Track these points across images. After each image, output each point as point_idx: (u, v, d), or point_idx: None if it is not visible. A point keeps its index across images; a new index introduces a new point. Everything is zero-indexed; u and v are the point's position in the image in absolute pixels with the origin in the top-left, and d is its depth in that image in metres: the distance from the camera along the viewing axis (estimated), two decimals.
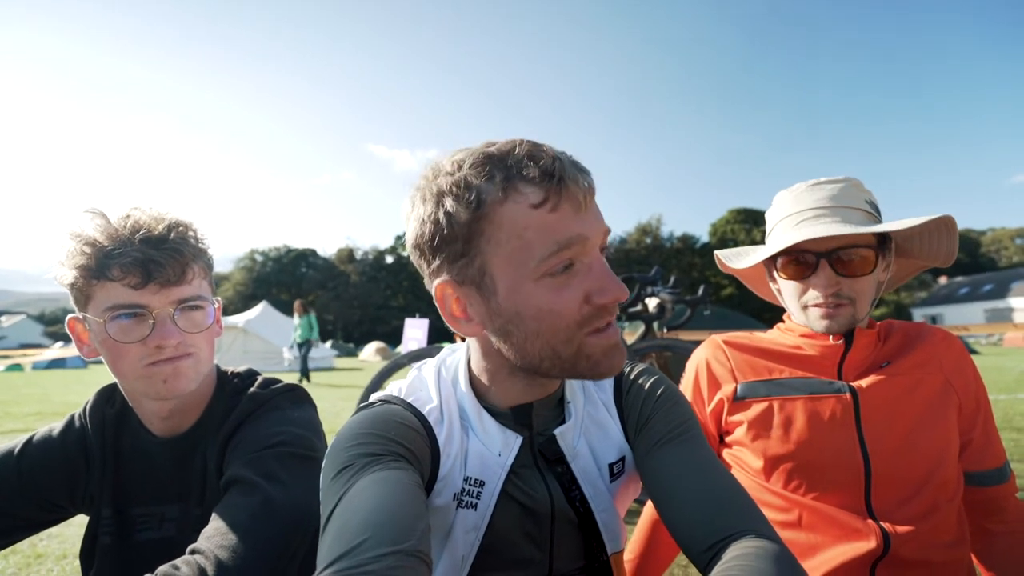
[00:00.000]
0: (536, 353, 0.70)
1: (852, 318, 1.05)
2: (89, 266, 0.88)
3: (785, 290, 1.14)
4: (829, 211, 1.06)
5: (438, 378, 0.83)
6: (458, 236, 0.67)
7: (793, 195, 1.12)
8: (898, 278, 1.24)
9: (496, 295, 0.68)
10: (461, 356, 0.84)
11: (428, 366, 0.86)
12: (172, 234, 0.93)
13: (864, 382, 1.05)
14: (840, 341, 1.08)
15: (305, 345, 12.93)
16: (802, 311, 1.10)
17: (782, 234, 1.10)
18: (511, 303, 0.68)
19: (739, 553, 0.62)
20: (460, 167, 0.68)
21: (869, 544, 0.95)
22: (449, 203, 0.66)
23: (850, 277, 1.04)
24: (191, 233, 0.97)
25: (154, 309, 0.91)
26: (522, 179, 0.65)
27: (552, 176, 0.65)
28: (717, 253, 1.29)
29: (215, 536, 0.76)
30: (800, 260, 1.07)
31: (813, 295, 1.07)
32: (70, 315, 0.95)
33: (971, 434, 1.06)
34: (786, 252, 1.09)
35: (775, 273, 1.15)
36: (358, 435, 0.69)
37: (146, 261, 0.89)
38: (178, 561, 0.73)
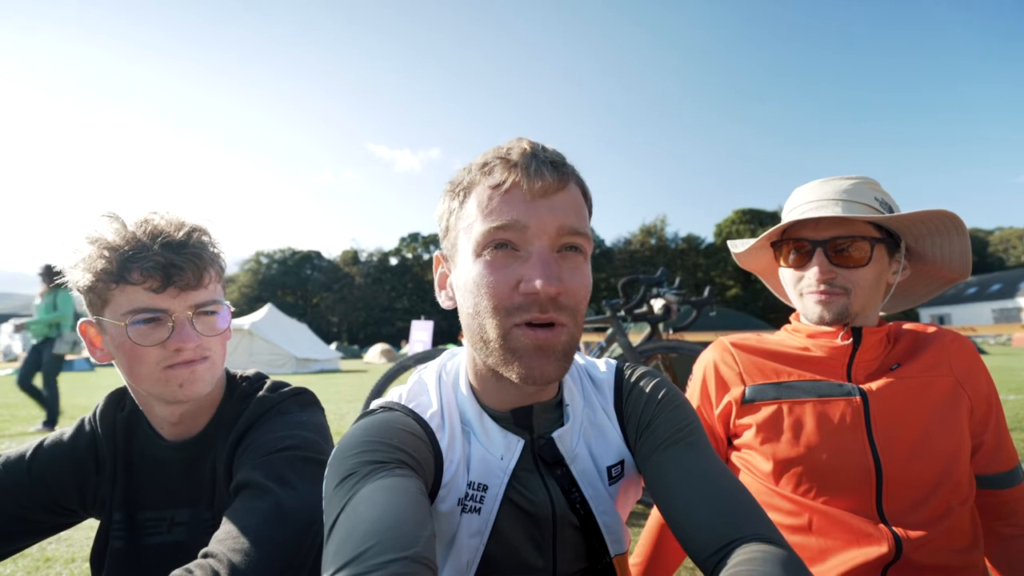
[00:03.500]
0: (472, 336, 0.75)
1: (846, 309, 1.05)
2: (108, 270, 0.89)
3: (785, 278, 1.16)
4: (832, 203, 1.06)
5: (439, 383, 0.83)
6: (446, 212, 0.79)
7: (806, 188, 1.14)
8: (921, 291, 1.22)
9: (456, 268, 0.77)
10: (462, 359, 0.84)
11: (429, 371, 0.86)
12: (191, 239, 0.95)
13: (874, 385, 1.04)
14: (848, 341, 1.07)
15: (45, 347, 5.87)
16: (799, 299, 1.13)
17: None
18: (459, 275, 0.75)
19: (745, 558, 0.62)
20: (473, 164, 0.78)
21: (881, 548, 0.95)
22: (447, 186, 0.79)
23: (845, 267, 1.05)
24: (207, 238, 0.98)
25: (173, 313, 0.92)
26: (497, 163, 0.73)
27: (515, 164, 0.71)
28: (729, 242, 1.30)
29: (227, 540, 0.76)
30: (798, 248, 1.10)
31: (808, 282, 1.09)
32: (82, 319, 0.95)
33: (982, 436, 1.05)
34: (786, 240, 1.12)
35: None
36: (361, 442, 0.69)
37: (167, 265, 0.90)
38: (191, 565, 0.73)
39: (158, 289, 0.90)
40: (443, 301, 0.81)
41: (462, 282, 0.74)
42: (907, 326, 1.15)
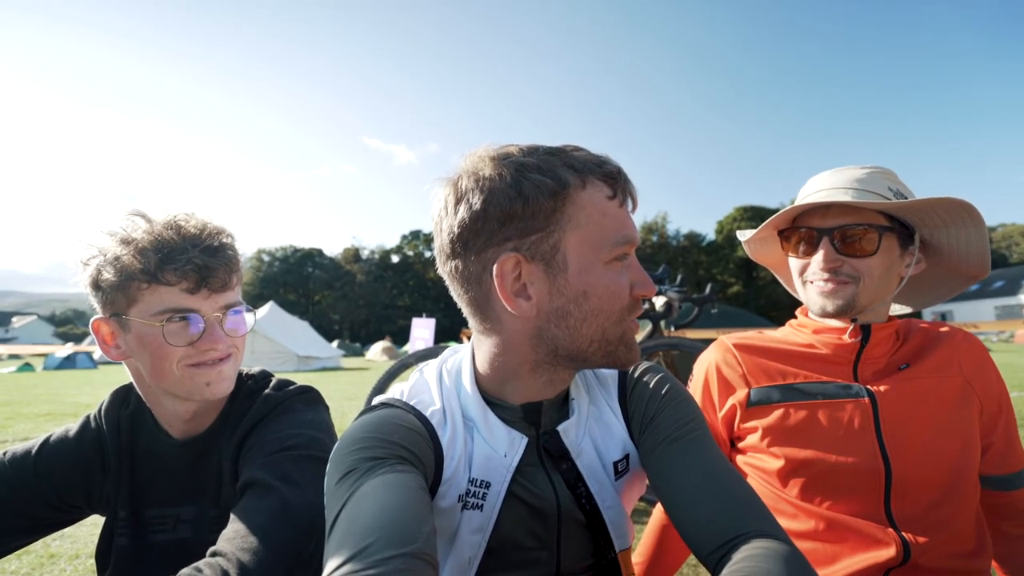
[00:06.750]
0: (589, 335, 0.74)
1: (853, 299, 1.02)
2: (143, 270, 0.90)
3: (792, 268, 1.14)
4: (843, 191, 1.03)
5: (440, 380, 0.83)
6: (540, 210, 0.70)
7: (819, 177, 1.11)
8: (941, 288, 1.18)
9: (566, 273, 0.72)
10: (465, 356, 0.84)
11: (430, 368, 0.86)
12: (223, 242, 0.97)
13: (883, 386, 1.02)
14: (856, 339, 1.05)
15: None
16: (803, 288, 1.10)
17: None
18: (580, 281, 0.72)
19: (748, 554, 0.62)
20: (535, 152, 0.73)
21: (888, 552, 0.93)
22: (536, 177, 0.70)
23: (852, 256, 1.02)
24: (233, 241, 1.01)
25: (204, 313, 0.94)
26: (594, 173, 0.73)
27: (618, 177, 0.74)
28: (738, 232, 1.28)
29: (235, 539, 0.77)
30: (805, 237, 1.07)
31: (813, 271, 1.06)
32: (95, 317, 0.96)
33: (992, 437, 1.03)
34: (795, 229, 1.09)
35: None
36: (361, 439, 0.69)
37: (202, 267, 0.92)
38: (200, 564, 0.73)
39: (192, 290, 0.93)
40: (520, 308, 0.72)
41: (582, 288, 0.72)
42: (916, 325, 1.12)
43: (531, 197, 0.69)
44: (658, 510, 1.22)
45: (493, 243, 0.71)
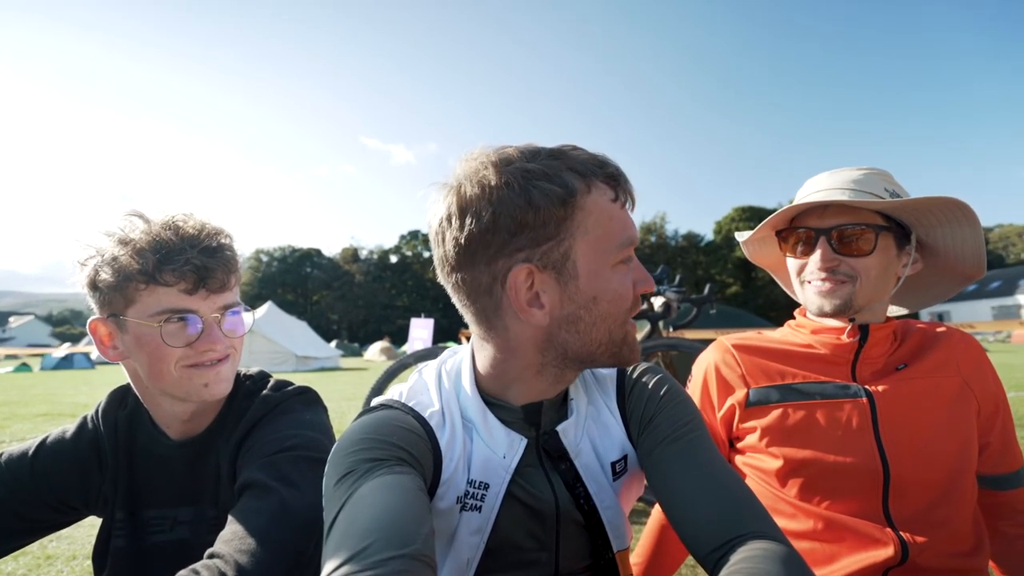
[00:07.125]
0: (598, 338, 0.75)
1: (850, 298, 1.03)
2: (141, 270, 0.89)
3: (790, 269, 1.14)
4: (839, 191, 1.04)
5: (439, 381, 0.83)
6: (551, 218, 0.69)
7: (816, 178, 1.12)
8: (938, 288, 1.18)
9: (576, 279, 0.72)
10: (464, 358, 0.84)
11: (428, 369, 0.86)
12: (221, 243, 0.97)
13: (880, 386, 1.02)
14: (854, 339, 1.05)
15: None
16: (801, 288, 1.11)
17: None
18: (590, 287, 0.72)
19: (747, 555, 0.62)
20: (537, 156, 0.71)
21: (886, 552, 0.93)
22: (544, 185, 0.69)
23: (849, 256, 1.03)
24: (231, 241, 1.00)
25: (203, 314, 0.94)
26: (596, 176, 0.73)
27: (619, 178, 0.74)
28: (736, 234, 1.28)
29: (233, 540, 0.77)
30: (802, 237, 1.08)
31: (811, 270, 1.07)
32: (93, 317, 0.95)
33: (989, 437, 1.04)
34: (792, 229, 1.10)
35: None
36: (360, 440, 0.69)
37: (200, 268, 0.92)
38: (198, 566, 0.73)
39: (190, 291, 0.92)
40: (534, 317, 0.72)
41: (592, 293, 0.72)
42: (914, 325, 1.13)
43: (542, 207, 0.68)
44: (657, 511, 1.22)
45: (503, 254, 0.70)
